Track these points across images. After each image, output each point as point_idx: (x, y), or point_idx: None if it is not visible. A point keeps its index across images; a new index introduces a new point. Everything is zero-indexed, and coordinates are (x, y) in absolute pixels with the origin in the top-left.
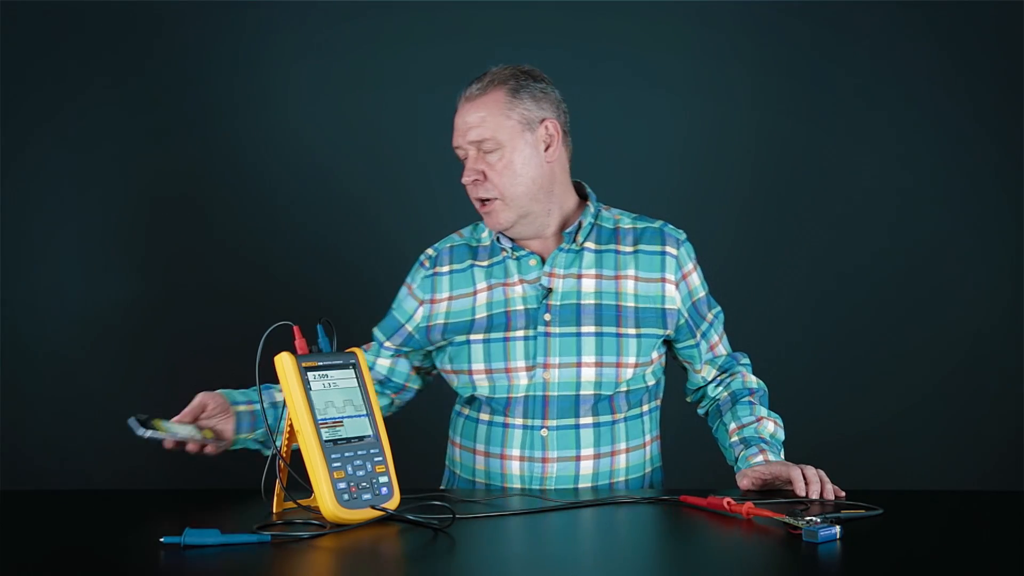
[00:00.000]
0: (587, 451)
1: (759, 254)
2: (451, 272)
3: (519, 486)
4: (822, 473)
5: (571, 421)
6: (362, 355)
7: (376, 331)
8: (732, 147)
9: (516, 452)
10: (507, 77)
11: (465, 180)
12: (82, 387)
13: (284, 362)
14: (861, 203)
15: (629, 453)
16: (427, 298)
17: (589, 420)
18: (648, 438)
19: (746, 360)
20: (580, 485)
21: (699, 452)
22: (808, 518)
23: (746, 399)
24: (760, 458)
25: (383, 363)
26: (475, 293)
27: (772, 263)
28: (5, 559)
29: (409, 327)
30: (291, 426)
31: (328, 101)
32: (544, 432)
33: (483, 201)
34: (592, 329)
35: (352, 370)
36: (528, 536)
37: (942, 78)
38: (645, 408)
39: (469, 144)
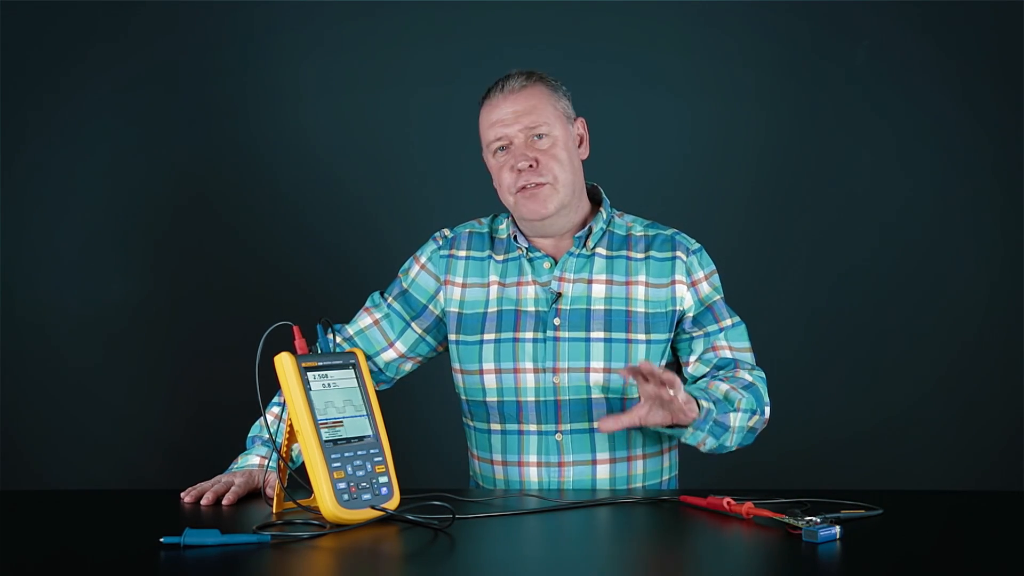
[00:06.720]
0: (603, 455)
1: (759, 255)
2: (467, 258)
3: (537, 492)
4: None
5: (585, 425)
6: (362, 355)
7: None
8: (732, 148)
9: (533, 458)
10: (541, 76)
11: (521, 165)
12: (82, 387)
13: (284, 362)
14: (861, 203)
15: (647, 459)
16: (443, 278)
17: None
18: (666, 446)
19: (760, 374)
20: (598, 489)
21: (713, 458)
22: (808, 518)
23: (719, 378)
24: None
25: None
26: (488, 285)
27: (772, 263)
28: (5, 559)
29: (435, 310)
30: (291, 426)
31: (332, 101)
32: (559, 437)
33: (529, 186)
34: (601, 335)
35: (352, 370)
36: (528, 536)
37: (942, 78)
38: None
39: (520, 131)
